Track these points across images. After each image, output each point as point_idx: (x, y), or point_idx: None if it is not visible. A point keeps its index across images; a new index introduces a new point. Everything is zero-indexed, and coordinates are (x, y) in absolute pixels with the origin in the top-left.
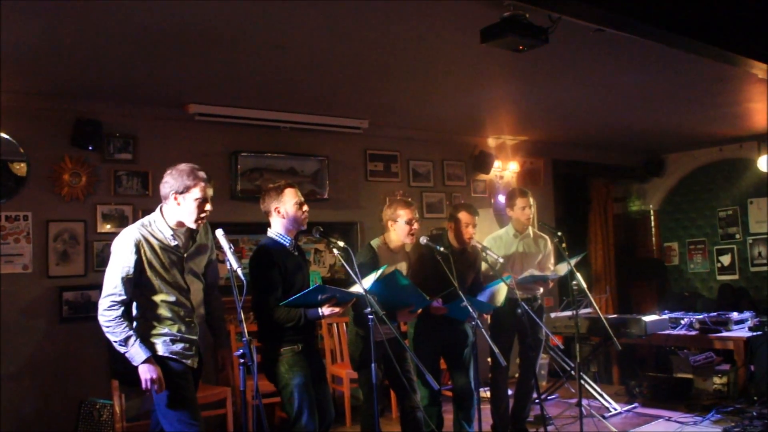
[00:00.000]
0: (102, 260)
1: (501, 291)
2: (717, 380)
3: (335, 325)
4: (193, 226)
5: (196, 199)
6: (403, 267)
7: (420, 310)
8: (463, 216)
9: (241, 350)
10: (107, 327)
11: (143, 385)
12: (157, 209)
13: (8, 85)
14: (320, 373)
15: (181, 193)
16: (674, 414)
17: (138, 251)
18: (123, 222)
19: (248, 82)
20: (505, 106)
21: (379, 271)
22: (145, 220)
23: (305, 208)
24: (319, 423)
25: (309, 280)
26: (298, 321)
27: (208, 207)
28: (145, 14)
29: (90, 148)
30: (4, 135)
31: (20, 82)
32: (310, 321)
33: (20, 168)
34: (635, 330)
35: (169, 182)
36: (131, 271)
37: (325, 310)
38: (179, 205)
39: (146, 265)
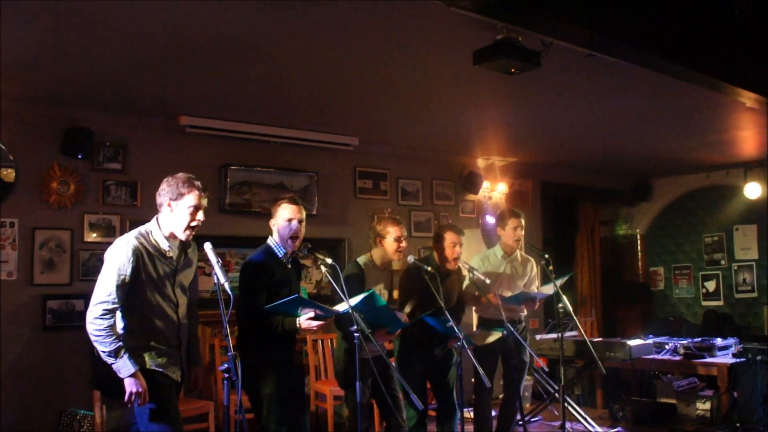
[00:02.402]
0: (88, 269)
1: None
2: (700, 406)
3: (320, 341)
4: (183, 236)
5: (190, 206)
6: (380, 288)
7: (397, 332)
8: (449, 236)
9: (226, 365)
10: (97, 337)
11: (127, 398)
12: (153, 220)
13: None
14: (299, 391)
15: (175, 200)
16: None
17: (136, 259)
18: (110, 232)
19: (240, 95)
20: (495, 128)
21: (366, 294)
22: (142, 229)
23: (294, 226)
24: None
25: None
26: (275, 328)
27: (200, 216)
28: (139, 25)
29: (80, 156)
30: None
31: (12, 88)
32: (288, 332)
33: (8, 174)
34: (620, 354)
35: (165, 189)
36: (128, 278)
37: (303, 323)
38: (172, 212)
39: (141, 274)
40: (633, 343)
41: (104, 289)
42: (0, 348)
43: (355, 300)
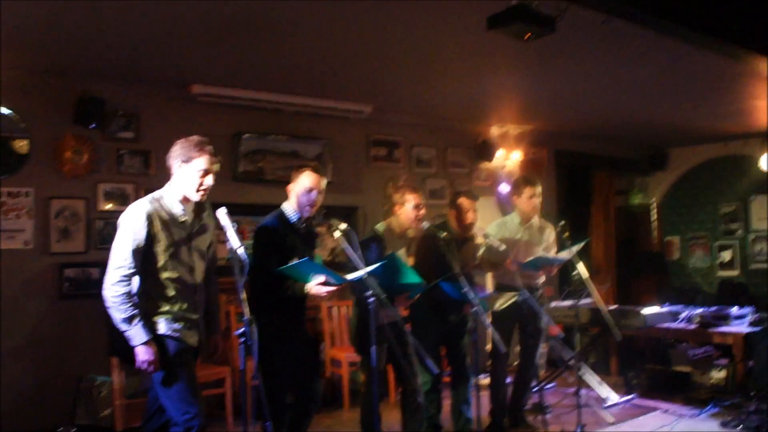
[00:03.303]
0: (103, 238)
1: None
2: (715, 374)
3: (336, 308)
4: (195, 197)
5: (200, 170)
6: (402, 253)
7: (417, 296)
8: (463, 202)
9: (242, 329)
10: (113, 302)
11: (137, 365)
12: (166, 185)
13: (12, 61)
14: (311, 357)
15: (185, 162)
16: (672, 406)
17: (150, 224)
18: (124, 200)
19: (252, 63)
20: (509, 95)
21: (386, 258)
22: (156, 194)
23: (313, 196)
24: (305, 404)
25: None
26: (284, 292)
27: (209, 180)
28: None
29: (92, 126)
30: (6, 111)
31: (24, 59)
32: (297, 296)
33: (22, 145)
34: (635, 322)
35: (175, 152)
36: (142, 243)
37: (312, 289)
38: (182, 175)
39: (156, 239)
40: (648, 311)
41: (120, 255)
42: (18, 316)
43: (373, 266)
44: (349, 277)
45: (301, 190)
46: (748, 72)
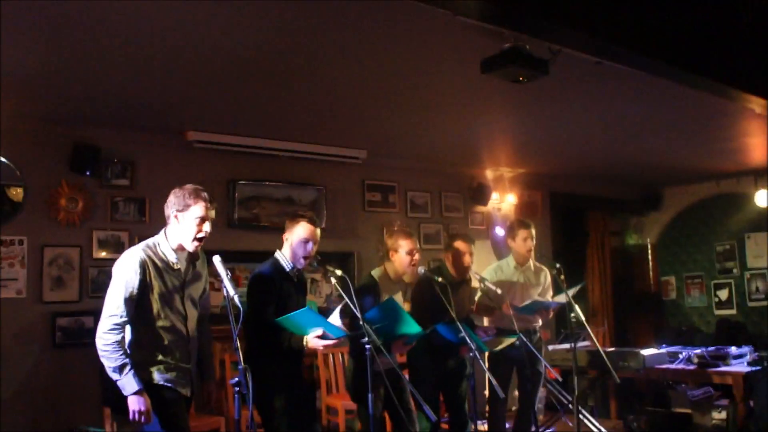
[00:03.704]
0: (97, 286)
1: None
2: (716, 415)
3: (331, 355)
4: (191, 247)
5: (197, 217)
6: (399, 297)
7: (414, 343)
8: (459, 245)
9: (237, 378)
10: (104, 351)
11: (131, 416)
12: (161, 232)
13: (7, 108)
14: (308, 404)
15: (182, 210)
16: None
17: (143, 272)
18: (119, 248)
19: (247, 110)
20: (503, 138)
21: (384, 302)
22: (150, 241)
23: (309, 247)
24: None
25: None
26: (281, 344)
27: (207, 227)
28: (145, 41)
29: (88, 173)
30: (1, 159)
31: (19, 106)
32: (294, 348)
33: (17, 192)
34: (633, 363)
35: (172, 201)
36: (135, 291)
37: (310, 342)
38: (179, 223)
39: (149, 287)
40: (646, 352)
41: (113, 303)
42: (13, 365)
43: (373, 315)
44: (347, 332)
45: (297, 240)
46: (741, 110)
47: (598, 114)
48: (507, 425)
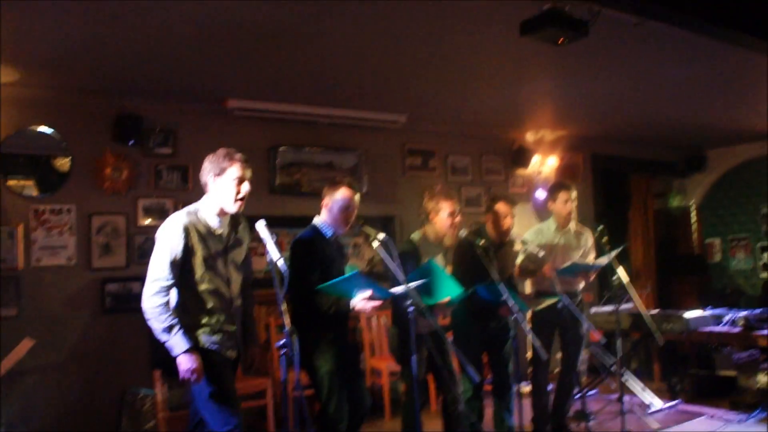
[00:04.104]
0: (143, 252)
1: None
2: (762, 378)
3: (374, 318)
4: (233, 208)
5: (234, 178)
6: (440, 260)
7: (456, 305)
8: (500, 207)
9: (283, 341)
10: (152, 314)
11: (182, 375)
12: (202, 198)
13: (52, 80)
14: (354, 364)
15: (219, 174)
16: (718, 411)
17: (187, 236)
18: (163, 215)
19: (287, 77)
20: (544, 101)
21: (424, 265)
22: (191, 207)
23: (350, 213)
24: (354, 413)
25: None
26: (329, 308)
27: (245, 187)
28: (184, 11)
29: (131, 142)
30: (47, 130)
31: (63, 78)
32: (341, 311)
33: (63, 163)
34: (677, 326)
35: (207, 167)
36: (179, 255)
37: (358, 304)
38: (218, 188)
39: (193, 252)
40: (690, 315)
41: (158, 267)
42: (63, 331)
43: (418, 281)
44: (395, 290)
45: (337, 207)
46: None
47: (639, 75)
48: (549, 387)
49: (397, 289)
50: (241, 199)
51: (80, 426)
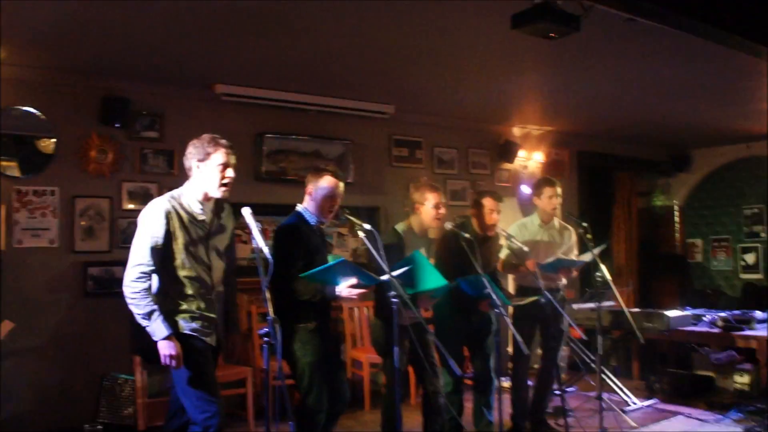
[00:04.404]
0: (127, 237)
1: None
2: (738, 379)
3: (356, 309)
4: (218, 193)
5: (219, 164)
6: (423, 252)
7: (439, 296)
8: (487, 202)
9: (265, 329)
10: (132, 299)
11: (162, 361)
12: (185, 184)
13: (38, 60)
14: (336, 355)
15: (203, 160)
16: (694, 411)
17: (168, 222)
18: (148, 200)
19: (275, 63)
20: (532, 95)
21: (409, 257)
22: (174, 192)
23: (334, 201)
24: (333, 404)
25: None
26: (314, 296)
27: (230, 173)
28: None
29: (117, 125)
30: (32, 110)
31: (50, 59)
32: (326, 300)
33: (48, 144)
34: (657, 324)
35: (191, 152)
36: (160, 241)
37: (343, 292)
38: (202, 173)
39: (174, 237)
40: (671, 313)
41: (139, 252)
42: (43, 314)
43: (403, 269)
44: (381, 277)
45: (321, 194)
46: None
47: (628, 73)
48: (529, 383)
49: (384, 277)
50: (226, 185)
51: (58, 410)
